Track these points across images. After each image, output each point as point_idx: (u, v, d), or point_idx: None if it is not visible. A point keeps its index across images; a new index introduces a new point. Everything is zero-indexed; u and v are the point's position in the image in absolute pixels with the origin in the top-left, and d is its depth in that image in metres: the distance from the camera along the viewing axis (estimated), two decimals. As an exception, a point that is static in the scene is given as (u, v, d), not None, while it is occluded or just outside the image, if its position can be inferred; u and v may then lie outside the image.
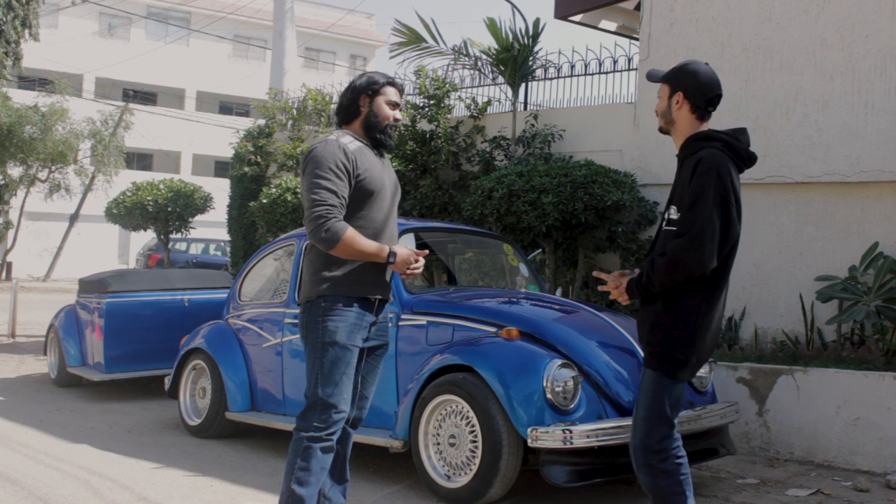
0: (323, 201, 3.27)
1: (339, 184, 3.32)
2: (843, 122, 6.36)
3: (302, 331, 3.49)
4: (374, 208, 3.47)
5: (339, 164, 3.33)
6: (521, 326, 4.55)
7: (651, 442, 3.03)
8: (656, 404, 3.03)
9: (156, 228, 11.86)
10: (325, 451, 3.36)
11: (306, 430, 3.36)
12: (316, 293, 3.41)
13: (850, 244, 6.30)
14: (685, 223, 2.93)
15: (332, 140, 3.41)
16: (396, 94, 3.58)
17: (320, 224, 3.25)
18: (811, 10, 6.57)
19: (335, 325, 3.37)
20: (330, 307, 3.39)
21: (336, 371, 3.36)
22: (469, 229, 6.32)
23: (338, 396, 3.36)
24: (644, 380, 3.09)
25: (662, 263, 2.97)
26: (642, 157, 7.41)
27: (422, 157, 8.64)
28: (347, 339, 3.39)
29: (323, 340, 3.37)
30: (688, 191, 2.97)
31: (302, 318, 3.49)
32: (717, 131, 3.09)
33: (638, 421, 3.08)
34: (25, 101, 23.92)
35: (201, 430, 5.97)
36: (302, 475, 3.32)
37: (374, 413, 4.90)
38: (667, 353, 3.00)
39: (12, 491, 4.46)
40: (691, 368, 3.04)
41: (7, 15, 21.53)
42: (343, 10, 36.18)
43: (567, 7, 9.56)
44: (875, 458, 5.25)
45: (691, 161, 3.02)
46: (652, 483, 3.06)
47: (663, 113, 3.17)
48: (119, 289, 7.44)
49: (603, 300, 7.21)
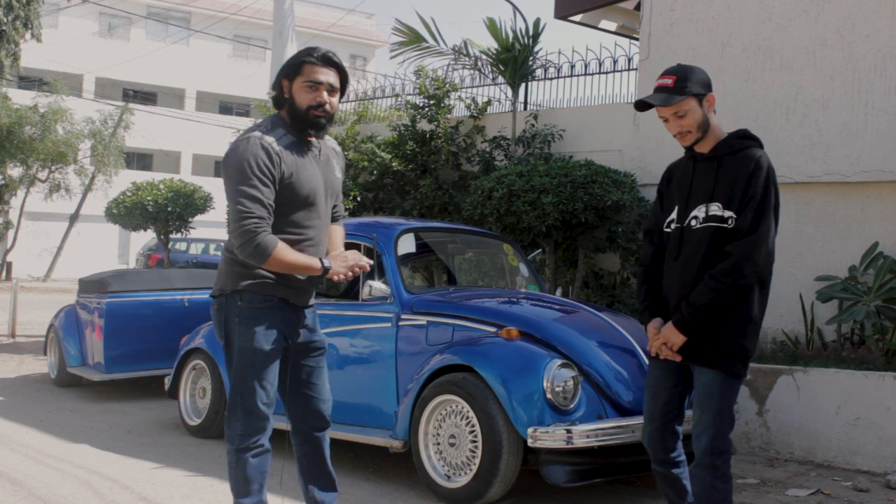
0: (249, 213, 2.95)
1: (265, 191, 2.98)
2: (843, 122, 6.36)
3: (217, 328, 3.20)
4: (304, 213, 3.14)
5: (262, 167, 2.98)
6: (521, 326, 4.55)
7: (719, 443, 2.99)
8: (725, 405, 2.99)
9: (156, 228, 11.85)
10: (256, 455, 3.16)
11: (232, 441, 3.15)
12: (231, 287, 3.12)
13: (850, 244, 6.30)
14: (753, 221, 2.92)
15: (254, 137, 3.04)
16: (322, 71, 3.08)
17: (249, 239, 2.95)
18: (811, 10, 6.57)
19: (251, 327, 3.09)
20: (247, 307, 3.11)
21: (254, 377, 3.10)
22: (469, 229, 6.32)
23: (257, 402, 3.11)
24: (704, 381, 3.02)
25: (730, 267, 2.91)
26: (642, 157, 7.41)
27: (422, 157, 8.64)
28: (266, 344, 3.10)
29: (240, 344, 3.11)
30: (744, 189, 2.95)
31: (217, 313, 3.19)
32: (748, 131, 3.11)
33: (705, 424, 3.00)
34: (25, 101, 23.93)
35: (201, 430, 5.97)
36: (242, 486, 3.15)
37: (374, 413, 4.92)
38: (732, 352, 2.98)
39: (12, 491, 4.46)
40: (749, 364, 3.05)
41: (7, 15, 21.54)
42: (343, 10, 36.21)
43: (567, 7, 9.56)
44: (875, 458, 5.25)
45: (744, 159, 3.00)
46: (710, 485, 2.99)
47: (700, 123, 3.08)
48: (119, 289, 7.43)
49: (603, 300, 7.21)
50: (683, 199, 3.13)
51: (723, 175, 3.02)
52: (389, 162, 8.68)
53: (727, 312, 2.97)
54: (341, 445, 5.31)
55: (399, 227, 5.37)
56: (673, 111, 3.07)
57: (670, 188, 3.27)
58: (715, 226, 2.99)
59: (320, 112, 3.11)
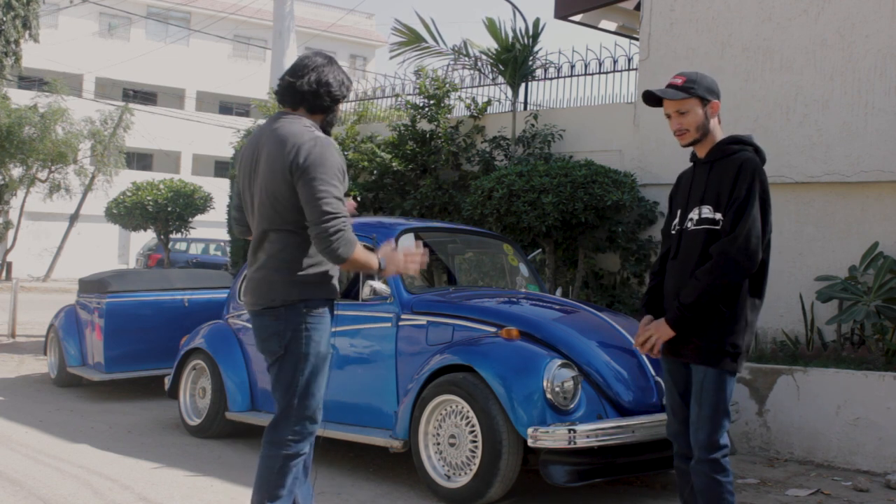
0: (336, 213, 3.03)
1: (342, 190, 3.11)
2: (843, 122, 6.36)
3: (276, 339, 3.17)
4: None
5: (342, 169, 3.14)
6: (521, 326, 4.55)
7: (716, 438, 3.08)
8: (720, 401, 3.09)
9: (156, 228, 11.85)
10: (297, 465, 3.19)
11: (280, 445, 3.16)
12: (297, 296, 3.14)
13: (850, 244, 6.30)
14: (733, 222, 3.04)
15: (323, 139, 3.15)
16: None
17: (340, 238, 3.02)
18: (811, 10, 6.57)
19: (319, 334, 3.16)
20: (310, 313, 3.15)
21: (315, 382, 3.18)
22: (469, 229, 6.32)
23: (315, 408, 3.19)
24: (700, 378, 3.12)
25: (714, 265, 3.04)
26: (642, 157, 7.41)
27: (422, 157, 8.64)
28: (327, 347, 3.22)
29: (306, 351, 3.14)
30: (729, 191, 3.08)
31: (276, 324, 3.16)
32: (743, 136, 3.23)
33: (702, 419, 3.10)
34: (24, 101, 23.92)
35: (201, 430, 5.97)
36: (276, 492, 3.14)
37: (374, 413, 4.92)
38: (726, 350, 3.07)
39: (12, 491, 4.46)
40: (744, 361, 3.13)
41: (7, 14, 21.53)
42: (343, 10, 36.18)
43: (567, 7, 9.56)
44: (875, 458, 5.25)
45: (730, 163, 3.13)
46: (710, 480, 3.08)
47: (700, 126, 3.21)
48: (119, 289, 7.43)
49: (603, 300, 7.21)
50: (684, 202, 3.28)
51: (713, 179, 3.17)
52: (389, 162, 8.68)
53: (716, 311, 3.08)
54: (341, 445, 5.31)
55: (399, 227, 5.37)
56: (676, 107, 3.21)
57: (677, 194, 3.42)
58: (707, 228, 3.14)
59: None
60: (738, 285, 3.06)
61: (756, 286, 3.13)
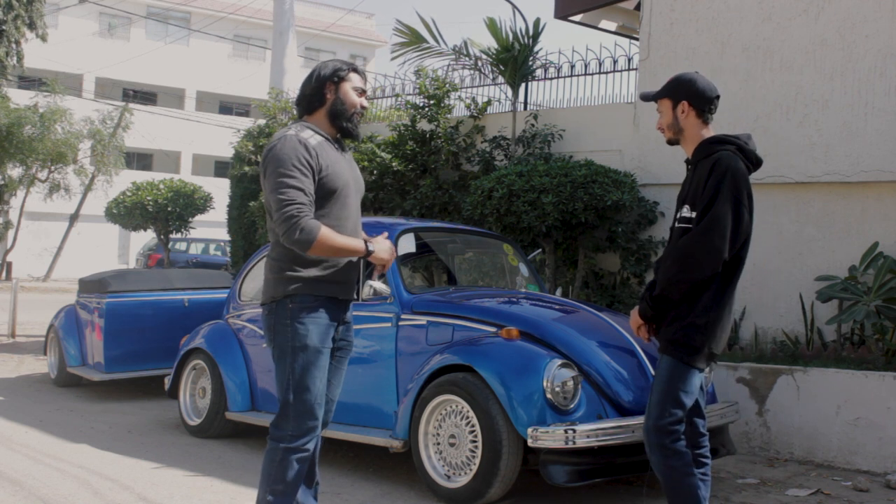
0: (292, 200, 3.08)
1: (305, 181, 3.13)
2: (843, 122, 6.36)
3: (268, 333, 3.31)
4: (338, 206, 3.30)
5: (301, 159, 3.15)
6: (521, 326, 4.55)
7: (663, 423, 3.16)
8: (671, 388, 3.17)
9: (156, 228, 11.86)
10: (300, 461, 3.24)
11: (281, 440, 3.22)
12: (283, 292, 3.23)
13: (850, 244, 6.30)
14: (698, 221, 3.12)
15: (290, 136, 3.21)
16: (361, 80, 3.43)
17: (293, 224, 3.06)
18: (811, 10, 6.57)
19: (307, 328, 3.21)
20: (299, 308, 3.21)
21: (308, 376, 3.21)
22: (469, 229, 6.32)
23: (311, 403, 3.22)
24: (660, 366, 3.23)
25: (673, 260, 3.15)
26: (642, 157, 7.41)
27: (422, 157, 8.64)
28: (319, 342, 3.23)
29: (293, 344, 3.21)
30: (702, 191, 3.15)
31: (267, 319, 3.30)
32: (729, 135, 3.27)
33: (652, 404, 3.21)
34: (24, 101, 23.91)
35: (201, 430, 5.97)
36: (278, 487, 3.21)
37: (374, 413, 4.92)
38: (682, 341, 3.15)
39: (12, 491, 4.46)
40: (705, 357, 3.18)
41: (8, 14, 21.52)
42: (343, 9, 36.16)
43: (567, 7, 9.56)
44: (875, 458, 5.25)
45: (707, 163, 3.20)
46: (664, 464, 3.18)
47: (670, 125, 3.34)
48: (119, 289, 7.43)
49: (603, 300, 7.21)
50: (678, 202, 3.37)
51: (694, 179, 3.26)
52: (389, 162, 8.68)
53: (679, 303, 3.17)
54: (341, 445, 5.31)
55: (399, 227, 5.37)
56: (657, 107, 3.39)
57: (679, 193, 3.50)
58: (684, 227, 3.22)
59: (360, 113, 3.44)
60: (703, 282, 3.12)
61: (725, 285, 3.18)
